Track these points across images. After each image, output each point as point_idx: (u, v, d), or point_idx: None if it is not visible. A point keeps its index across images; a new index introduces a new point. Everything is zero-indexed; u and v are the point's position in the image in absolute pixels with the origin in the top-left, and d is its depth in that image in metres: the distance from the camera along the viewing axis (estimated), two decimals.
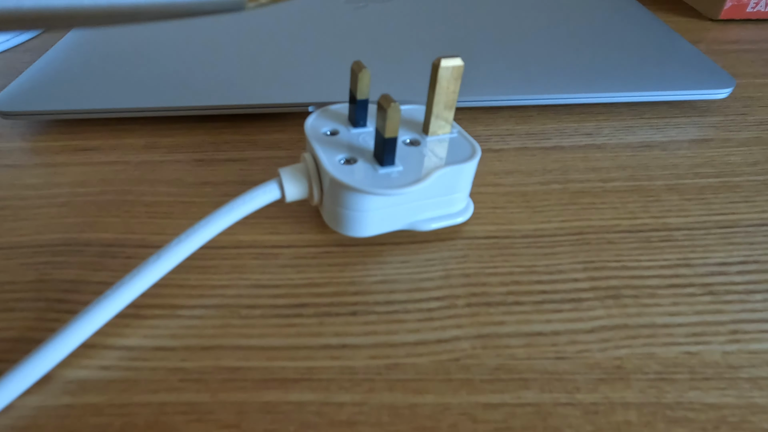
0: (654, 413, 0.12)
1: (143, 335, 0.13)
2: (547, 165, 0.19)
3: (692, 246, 0.16)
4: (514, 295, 0.14)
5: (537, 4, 0.28)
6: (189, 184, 0.19)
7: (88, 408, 0.12)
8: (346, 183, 0.13)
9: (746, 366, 0.13)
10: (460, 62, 0.14)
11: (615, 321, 0.14)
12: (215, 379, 0.12)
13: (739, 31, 0.29)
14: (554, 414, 0.12)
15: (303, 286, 0.15)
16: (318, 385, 0.12)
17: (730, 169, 0.19)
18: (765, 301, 0.14)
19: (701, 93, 0.22)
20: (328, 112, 0.17)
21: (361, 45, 0.25)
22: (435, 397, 0.12)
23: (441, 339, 0.13)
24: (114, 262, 0.16)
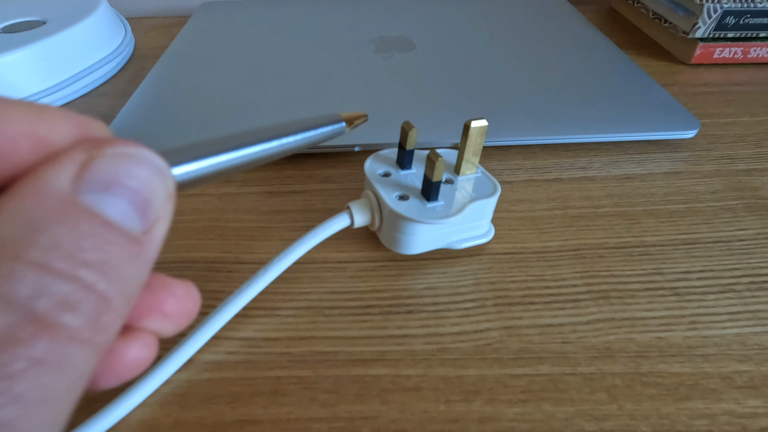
0: (633, 379, 0.16)
1: (254, 330, 0.18)
2: (550, 194, 0.24)
3: (663, 258, 0.21)
4: (529, 297, 0.19)
5: (537, 55, 0.33)
6: (264, 212, 0.23)
7: (224, 381, 0.16)
8: (404, 215, 0.18)
9: (700, 346, 0.17)
10: (485, 123, 0.19)
11: (605, 315, 0.18)
12: (314, 360, 0.17)
13: (707, 74, 0.34)
14: (562, 381, 0.16)
15: (368, 292, 0.19)
16: (389, 363, 0.17)
17: (695, 197, 0.24)
18: (717, 300, 0.19)
19: (673, 133, 0.27)
20: (379, 156, 0.22)
21: (391, 91, 0.29)
22: (475, 370, 0.17)
23: (477, 330, 0.18)
24: (219, 275, 0.20)
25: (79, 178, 0.08)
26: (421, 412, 0.16)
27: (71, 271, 0.07)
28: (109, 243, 0.07)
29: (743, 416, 0.15)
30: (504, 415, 0.15)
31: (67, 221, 0.07)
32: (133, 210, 0.08)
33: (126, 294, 0.08)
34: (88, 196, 0.07)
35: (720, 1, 0.32)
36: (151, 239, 0.08)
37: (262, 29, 0.37)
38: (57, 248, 0.07)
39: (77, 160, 0.08)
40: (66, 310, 0.07)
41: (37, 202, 0.07)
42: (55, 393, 0.07)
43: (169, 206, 0.09)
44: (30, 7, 0.36)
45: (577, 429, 0.15)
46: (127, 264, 0.08)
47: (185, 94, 0.30)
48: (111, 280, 0.07)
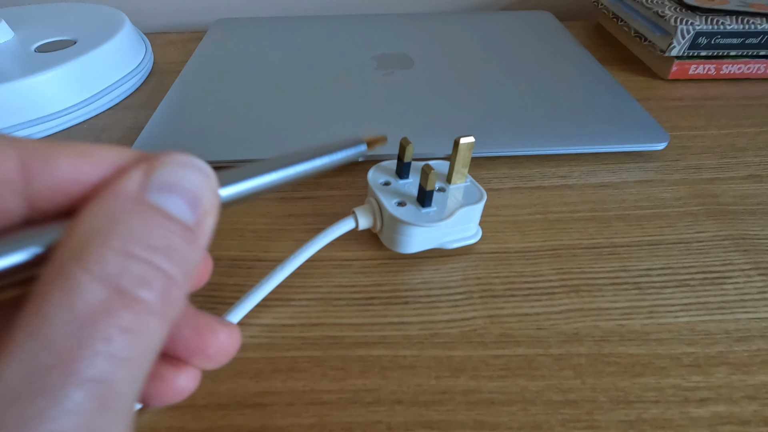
0: (596, 359, 0.19)
1: (272, 317, 0.21)
2: (533, 200, 0.27)
3: (629, 257, 0.23)
4: (510, 290, 0.22)
5: (525, 72, 0.36)
6: (278, 216, 0.26)
7: (248, 360, 0.19)
8: (402, 219, 0.21)
9: (655, 332, 0.20)
10: (472, 140, 0.22)
11: (575, 306, 0.21)
12: (324, 343, 0.20)
13: (683, 89, 0.37)
14: (535, 361, 0.19)
15: (370, 286, 0.22)
16: (389, 345, 0.20)
17: (661, 203, 0.27)
18: (673, 293, 0.22)
19: (645, 146, 0.29)
20: (380, 167, 0.25)
21: (391, 106, 0.32)
22: (462, 351, 0.19)
23: (464, 318, 0.21)
24: (240, 271, 0.23)
25: (144, 182, 0.09)
26: (416, 386, 0.18)
27: (145, 255, 0.09)
28: (171, 232, 0.09)
29: (686, 389, 0.18)
30: (485, 388, 0.18)
31: (139, 215, 0.09)
32: (187, 206, 0.10)
33: (185, 273, 0.09)
34: (153, 196, 0.09)
35: (692, 23, 0.35)
36: (202, 229, 0.10)
37: (273, 45, 0.40)
38: (133, 237, 0.09)
39: (142, 169, 0.10)
40: (142, 286, 0.08)
41: (115, 201, 0.09)
42: (138, 354, 0.08)
43: (215, 202, 0.11)
44: (59, 27, 0.39)
45: (546, 399, 0.18)
46: (185, 248, 0.09)
47: (204, 107, 0.33)
48: (174, 261, 0.09)
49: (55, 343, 0.08)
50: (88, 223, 0.09)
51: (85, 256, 0.08)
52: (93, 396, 0.08)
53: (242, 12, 0.52)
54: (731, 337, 0.20)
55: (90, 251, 0.08)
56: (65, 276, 0.08)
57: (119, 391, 0.08)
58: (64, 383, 0.08)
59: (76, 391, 0.08)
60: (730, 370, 0.19)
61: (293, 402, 0.18)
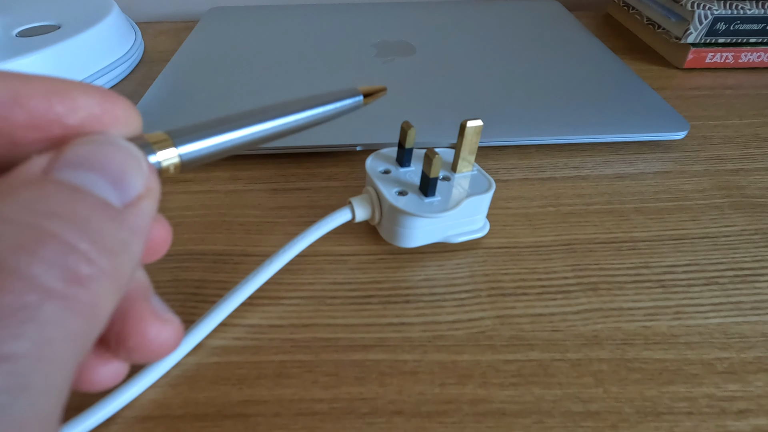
0: (618, 365, 0.17)
1: (260, 317, 0.19)
2: (544, 192, 0.25)
3: (651, 253, 0.21)
4: (522, 288, 0.20)
5: (533, 60, 0.34)
6: (270, 208, 0.24)
7: (232, 364, 0.17)
8: (403, 209, 0.19)
9: (684, 335, 0.18)
10: (480, 123, 0.20)
11: (593, 305, 0.19)
12: (316, 346, 0.18)
13: (699, 78, 0.35)
14: (551, 366, 0.17)
15: (368, 283, 0.20)
16: (388, 349, 0.18)
17: (683, 195, 0.25)
18: (701, 292, 0.20)
19: (664, 135, 0.27)
20: (380, 155, 0.23)
21: (391, 93, 0.30)
22: (469, 356, 0.17)
23: (471, 318, 0.19)
24: (226, 266, 0.21)
25: (51, 161, 0.08)
26: (417, 394, 0.16)
27: (29, 219, 0.07)
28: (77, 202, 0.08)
29: (722, 399, 0.16)
30: (495, 397, 0.16)
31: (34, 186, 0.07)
32: (107, 183, 0.08)
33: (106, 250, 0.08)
34: (59, 173, 0.08)
35: (711, 8, 0.33)
36: (137, 211, 0.09)
37: (268, 34, 0.39)
38: (16, 203, 0.07)
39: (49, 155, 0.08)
40: (23, 254, 0.07)
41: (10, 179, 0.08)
42: (21, 351, 0.07)
43: (152, 185, 0.09)
44: (45, 12, 0.37)
45: (564, 410, 0.16)
46: (105, 223, 0.08)
47: (193, 95, 0.31)
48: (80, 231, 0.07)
49: None
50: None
51: None
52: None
53: (237, 0, 0.50)
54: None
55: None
56: None
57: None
58: None
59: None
60: None
61: (280, 412, 0.16)
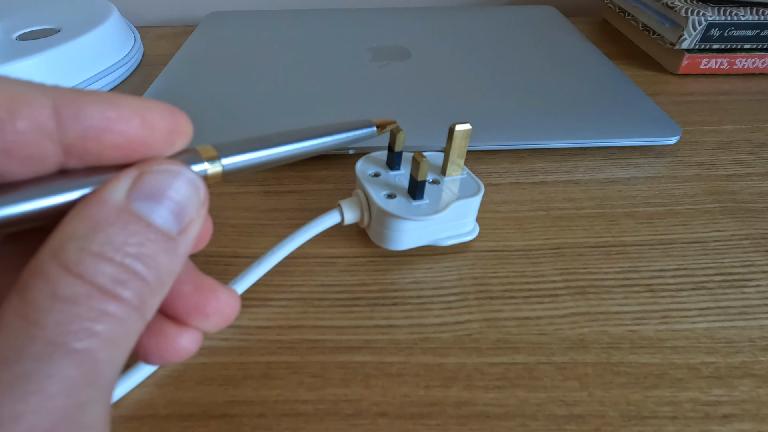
0: (604, 369, 0.17)
1: (248, 318, 0.19)
2: (535, 196, 0.25)
3: (640, 257, 0.21)
4: (510, 291, 0.20)
5: (528, 64, 0.34)
6: (262, 210, 0.24)
7: (218, 365, 0.17)
8: (391, 212, 0.19)
9: (670, 339, 0.18)
10: (468, 126, 0.20)
11: (581, 309, 0.19)
12: (303, 347, 0.18)
13: (694, 84, 0.35)
14: (536, 369, 0.17)
15: (357, 285, 0.20)
16: (374, 351, 0.18)
17: (674, 200, 0.25)
18: (689, 296, 0.20)
19: (656, 140, 0.28)
20: (370, 158, 0.23)
21: (385, 97, 0.31)
22: (455, 358, 0.18)
23: (458, 321, 0.19)
24: (216, 268, 0.21)
25: (131, 190, 0.10)
26: (402, 396, 0.16)
27: (119, 259, 0.09)
28: (149, 240, 0.10)
29: (707, 404, 0.16)
30: (480, 399, 0.16)
31: (119, 223, 0.09)
32: (171, 215, 0.10)
33: (160, 278, 0.10)
34: (138, 204, 0.10)
35: (705, 14, 0.33)
36: (185, 238, 0.10)
37: (265, 38, 0.39)
38: (110, 243, 0.09)
39: (131, 176, 0.10)
40: (119, 285, 0.09)
41: (99, 209, 0.09)
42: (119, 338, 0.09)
43: (201, 211, 0.11)
44: (45, 16, 0.37)
45: (548, 413, 0.16)
46: (162, 256, 0.10)
47: (190, 98, 0.31)
48: (148, 267, 0.10)
49: (40, 319, 0.08)
50: (72, 226, 0.09)
51: (62, 255, 0.09)
52: (79, 365, 0.08)
53: (236, 5, 0.51)
54: (756, 345, 0.18)
55: (67, 252, 0.09)
56: (43, 269, 0.09)
57: (102, 370, 0.09)
58: (52, 351, 0.08)
59: (62, 358, 0.08)
60: (756, 382, 0.17)
61: (265, 413, 0.16)
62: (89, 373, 0.08)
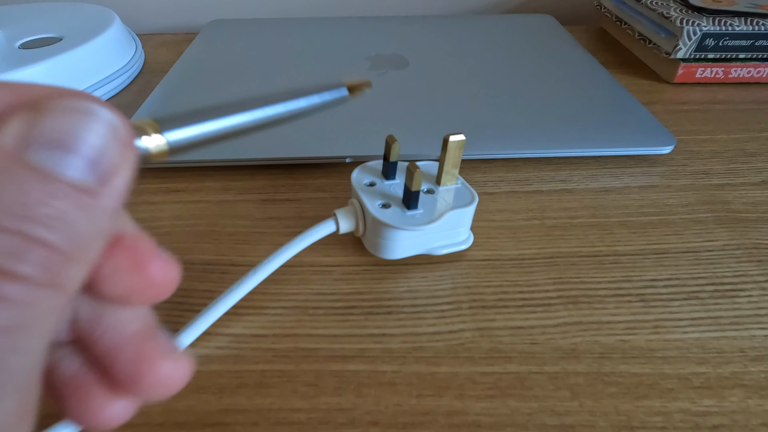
0: (595, 378, 0.17)
1: (243, 327, 0.19)
2: (530, 205, 0.25)
3: (633, 267, 0.22)
4: (503, 301, 0.20)
5: (524, 74, 0.35)
6: (259, 219, 0.25)
7: (213, 373, 0.18)
8: (385, 222, 0.20)
9: (661, 349, 0.18)
10: (462, 137, 0.20)
11: (573, 319, 0.19)
12: (297, 356, 0.18)
13: (689, 93, 0.36)
14: (529, 379, 0.17)
15: (351, 294, 0.21)
16: (367, 360, 0.18)
17: (668, 209, 0.25)
18: (680, 306, 0.20)
19: (650, 149, 0.28)
20: (366, 167, 0.23)
21: (383, 106, 0.31)
22: (447, 367, 0.18)
23: (451, 330, 0.19)
24: (213, 276, 0.22)
25: (26, 136, 0.08)
26: (394, 405, 0.17)
27: (15, 226, 0.07)
28: (54, 197, 0.08)
29: (697, 414, 0.16)
30: (471, 409, 0.16)
31: (11, 180, 0.07)
32: (84, 164, 0.08)
33: (80, 243, 0.08)
34: (35, 154, 0.07)
35: (700, 24, 0.34)
36: (108, 191, 0.08)
37: (265, 46, 0.39)
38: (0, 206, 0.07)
39: (23, 118, 0.08)
40: (16, 260, 0.07)
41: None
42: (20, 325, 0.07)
43: (127, 157, 0.09)
44: (47, 25, 0.38)
45: (539, 423, 0.16)
46: (77, 215, 0.08)
47: (190, 105, 0.31)
48: (59, 232, 0.08)
49: None
50: None
51: None
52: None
53: (237, 14, 0.51)
54: (746, 356, 0.18)
55: None
56: None
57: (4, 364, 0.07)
58: None
59: None
60: (746, 393, 0.17)
61: (258, 421, 0.16)
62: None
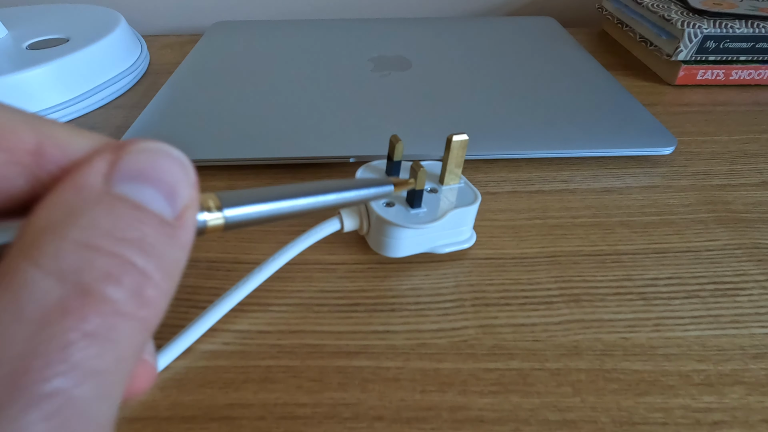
0: (597, 375, 0.17)
1: (249, 323, 0.20)
2: (532, 205, 0.25)
3: (634, 266, 0.22)
4: (505, 299, 0.20)
5: (527, 75, 0.35)
6: None
7: (219, 368, 0.18)
8: (389, 220, 0.20)
9: (662, 347, 0.18)
10: (465, 137, 0.21)
11: (575, 317, 0.20)
12: (302, 352, 0.18)
13: (690, 95, 0.36)
14: (530, 375, 0.18)
15: (355, 291, 0.21)
16: (371, 356, 0.18)
17: (669, 210, 0.25)
18: (681, 305, 0.20)
19: (651, 150, 0.28)
20: (370, 167, 0.23)
21: (387, 107, 0.31)
22: (451, 364, 0.18)
23: (454, 327, 0.19)
24: (218, 273, 0.22)
25: (109, 173, 0.08)
26: (398, 400, 0.17)
27: (111, 248, 0.07)
28: (143, 223, 0.08)
29: (697, 410, 0.16)
30: (474, 404, 0.17)
31: (103, 205, 0.08)
32: (162, 197, 0.08)
33: (166, 271, 0.08)
34: (120, 186, 0.08)
35: (700, 27, 0.34)
36: (183, 224, 0.09)
37: (270, 47, 0.40)
38: (96, 228, 0.07)
39: (106, 158, 0.08)
40: (110, 282, 0.07)
41: (74, 194, 0.08)
42: (107, 365, 0.07)
43: (194, 196, 0.09)
44: (54, 26, 0.38)
45: (541, 419, 0.16)
46: (164, 244, 0.08)
47: (194, 106, 0.32)
48: (149, 256, 0.08)
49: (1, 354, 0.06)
50: (43, 217, 0.07)
51: (35, 251, 0.07)
52: (50, 416, 0.06)
53: (242, 15, 0.52)
54: (746, 353, 0.18)
55: (42, 245, 0.07)
56: (12, 275, 0.07)
57: (84, 410, 0.07)
58: (14, 401, 0.06)
59: (29, 410, 0.06)
60: (746, 390, 0.17)
61: (264, 416, 0.16)
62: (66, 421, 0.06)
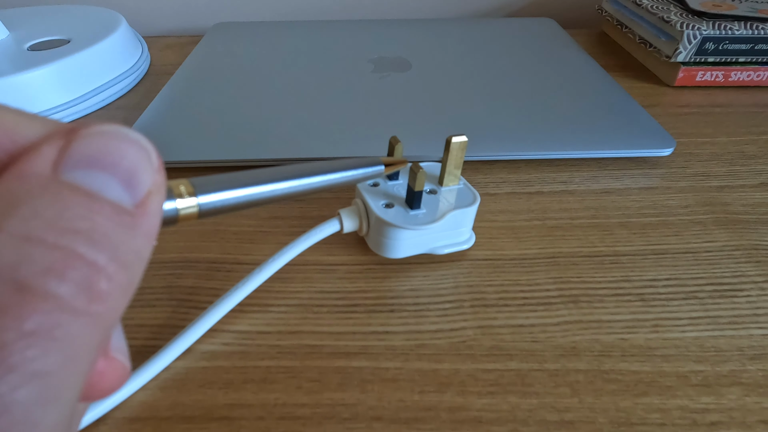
0: (595, 376, 0.18)
1: (248, 324, 0.20)
2: (531, 206, 0.26)
3: (633, 267, 0.22)
4: (504, 299, 0.20)
5: (526, 77, 0.35)
6: (263, 218, 0.25)
7: (219, 369, 0.18)
8: (388, 221, 0.20)
9: (661, 348, 0.18)
10: (465, 139, 0.21)
11: (574, 318, 0.20)
12: (301, 352, 0.19)
13: (690, 96, 0.36)
14: (529, 376, 0.18)
15: (355, 292, 0.21)
16: (371, 356, 0.18)
17: (667, 211, 0.25)
18: (679, 306, 0.20)
19: (650, 151, 0.28)
20: None
21: (386, 107, 0.31)
22: (449, 364, 0.18)
23: (453, 328, 0.19)
24: (219, 274, 0.22)
25: (59, 160, 0.07)
26: (397, 401, 0.17)
27: (54, 240, 0.07)
28: (94, 212, 0.07)
29: (695, 411, 0.16)
30: (473, 405, 0.17)
31: (48, 194, 0.07)
32: (118, 184, 0.08)
33: (122, 263, 0.07)
34: (70, 174, 0.07)
35: (700, 28, 0.34)
36: (146, 212, 0.08)
37: (270, 48, 0.40)
38: (37, 218, 0.07)
39: (56, 144, 0.07)
40: (52, 277, 0.06)
41: (18, 183, 0.07)
42: (51, 367, 0.06)
43: (159, 180, 0.09)
44: (55, 27, 0.38)
45: (539, 419, 0.16)
46: (121, 234, 0.07)
47: (194, 107, 0.32)
48: (100, 247, 0.07)
49: None
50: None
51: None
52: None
53: (242, 16, 0.52)
54: (744, 354, 0.18)
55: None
56: None
57: (24, 415, 0.06)
58: None
59: None
60: (744, 391, 0.17)
61: (264, 416, 0.17)
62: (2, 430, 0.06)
